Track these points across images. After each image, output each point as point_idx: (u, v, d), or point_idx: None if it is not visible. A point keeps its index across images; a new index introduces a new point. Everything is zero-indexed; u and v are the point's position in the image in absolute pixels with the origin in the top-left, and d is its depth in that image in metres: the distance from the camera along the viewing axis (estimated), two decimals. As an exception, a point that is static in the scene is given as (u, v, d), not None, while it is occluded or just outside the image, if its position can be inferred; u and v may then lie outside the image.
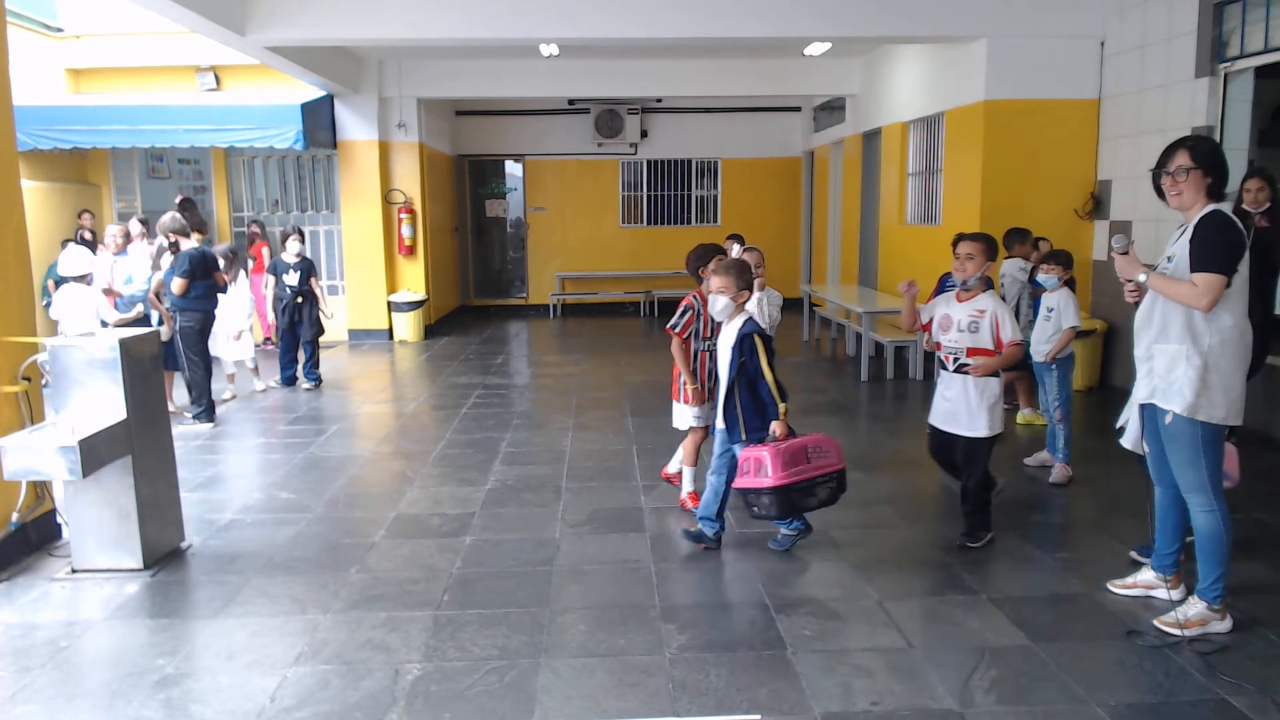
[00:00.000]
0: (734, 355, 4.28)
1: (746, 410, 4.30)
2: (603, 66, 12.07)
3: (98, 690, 3.29)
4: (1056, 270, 5.64)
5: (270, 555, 4.56)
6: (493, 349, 11.70)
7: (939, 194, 9.70)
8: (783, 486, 4.11)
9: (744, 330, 4.28)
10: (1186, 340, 3.42)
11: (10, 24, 7.11)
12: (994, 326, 4.32)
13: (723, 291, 4.27)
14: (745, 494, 4.25)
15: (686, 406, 5.02)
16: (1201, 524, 3.54)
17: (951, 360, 4.42)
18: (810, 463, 4.23)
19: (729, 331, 4.35)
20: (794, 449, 4.18)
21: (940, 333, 4.49)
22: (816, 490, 4.25)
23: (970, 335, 4.35)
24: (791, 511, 4.28)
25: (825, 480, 4.27)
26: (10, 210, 4.61)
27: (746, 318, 4.34)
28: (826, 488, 4.29)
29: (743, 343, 4.27)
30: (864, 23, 8.45)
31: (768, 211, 15.40)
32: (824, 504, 4.33)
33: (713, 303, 4.33)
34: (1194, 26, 7.01)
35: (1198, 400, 3.41)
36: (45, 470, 3.99)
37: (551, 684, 3.27)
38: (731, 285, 4.28)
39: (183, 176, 12.22)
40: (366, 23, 8.30)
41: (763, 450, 4.15)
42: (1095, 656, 3.43)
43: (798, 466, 4.16)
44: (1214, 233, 3.37)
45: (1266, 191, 5.75)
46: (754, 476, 4.16)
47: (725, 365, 4.35)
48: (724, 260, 4.46)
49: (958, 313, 4.42)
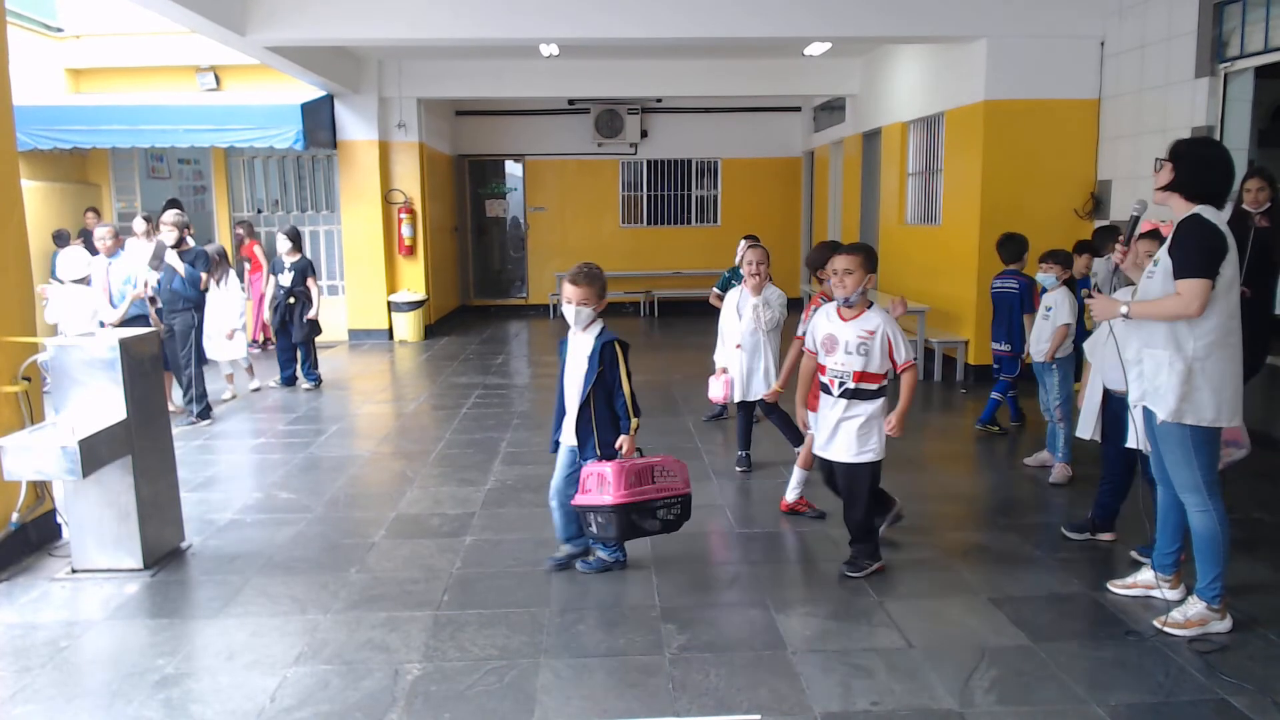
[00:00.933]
0: (591, 366, 4.00)
1: (601, 424, 4.06)
2: (603, 66, 12.06)
3: (98, 690, 3.29)
4: (1055, 269, 5.64)
5: (270, 555, 4.56)
6: (493, 349, 11.70)
7: (939, 194, 9.70)
8: (623, 505, 3.89)
9: (604, 338, 4.03)
10: (1170, 346, 3.44)
11: (10, 24, 7.10)
12: (885, 347, 4.01)
13: (585, 303, 3.99)
14: (583, 512, 4.02)
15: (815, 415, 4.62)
16: (1197, 524, 3.55)
17: (837, 385, 4.04)
18: (655, 484, 4.02)
19: (584, 341, 4.06)
20: (639, 467, 3.99)
21: (824, 354, 4.10)
22: (658, 513, 4.02)
23: (860, 358, 3.99)
24: (630, 533, 4.00)
25: (668, 504, 4.04)
26: (10, 210, 4.61)
27: (603, 326, 4.09)
28: (670, 512, 4.06)
29: (602, 352, 4.00)
30: (864, 23, 8.44)
31: (768, 211, 15.39)
32: (664, 530, 4.09)
33: (572, 313, 4.01)
34: (1194, 26, 7.01)
35: (1181, 405, 3.42)
36: (45, 470, 3.99)
37: (551, 684, 3.27)
38: (592, 295, 4.01)
39: (183, 176, 12.23)
40: (366, 23, 8.30)
41: (606, 466, 3.95)
42: (1095, 656, 3.43)
43: (641, 486, 3.96)
44: (1193, 238, 3.39)
45: (1267, 191, 5.75)
46: (595, 493, 3.96)
47: (579, 378, 4.04)
48: (580, 268, 4.05)
49: (844, 333, 4.03)
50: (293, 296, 8.82)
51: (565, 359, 4.14)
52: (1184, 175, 3.44)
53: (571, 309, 4.01)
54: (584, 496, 4.00)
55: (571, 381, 4.09)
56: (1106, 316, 3.60)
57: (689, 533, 4.77)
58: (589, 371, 4.00)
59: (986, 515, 4.77)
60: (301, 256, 8.96)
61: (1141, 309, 3.46)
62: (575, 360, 4.08)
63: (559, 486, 4.23)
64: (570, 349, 4.13)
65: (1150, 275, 3.52)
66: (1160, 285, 3.47)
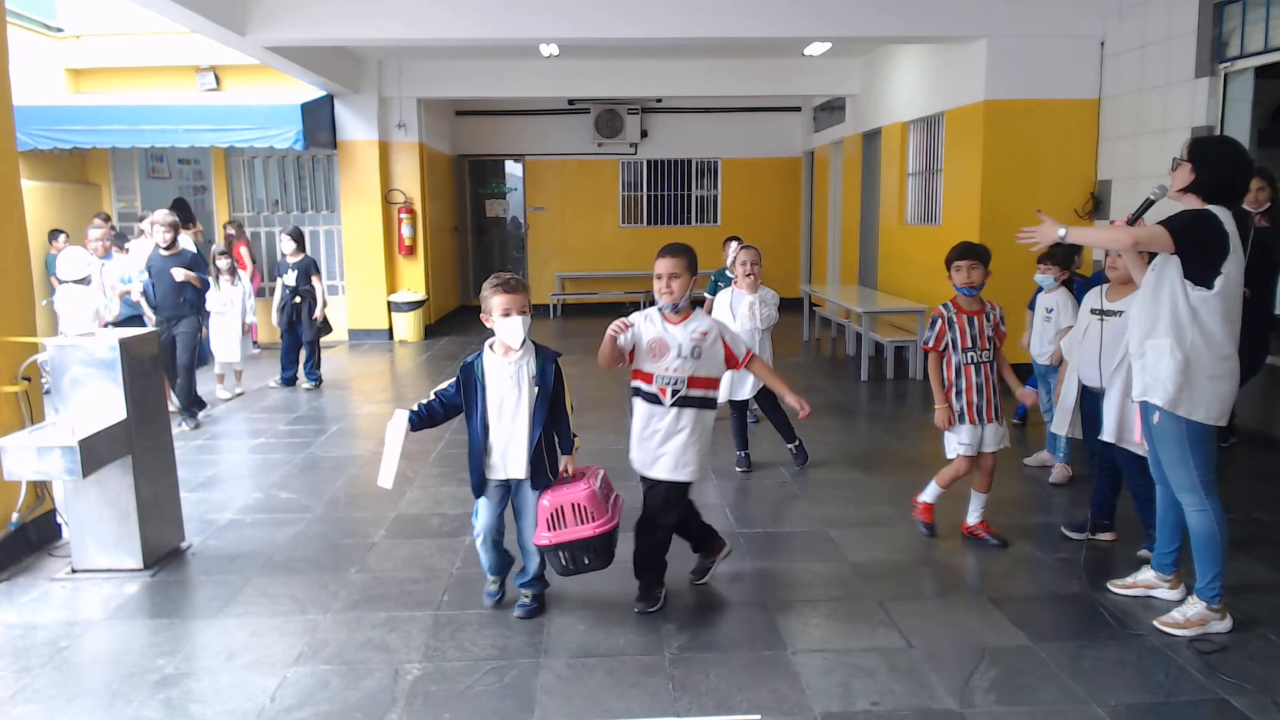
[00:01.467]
0: (543, 389, 3.60)
1: (552, 451, 3.69)
2: (603, 66, 12.06)
3: (98, 690, 3.29)
4: (1054, 270, 5.61)
5: (270, 555, 4.56)
6: (493, 349, 11.68)
7: (939, 194, 9.70)
8: (614, 529, 3.64)
9: (549, 356, 3.65)
10: (1171, 334, 3.43)
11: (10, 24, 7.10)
12: (721, 347, 3.79)
13: (525, 310, 3.57)
14: (565, 550, 3.57)
15: (952, 433, 4.48)
16: (1195, 523, 3.54)
17: (670, 393, 3.69)
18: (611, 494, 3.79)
19: (517, 362, 3.61)
20: (602, 484, 3.72)
21: (652, 361, 3.72)
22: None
23: (693, 361, 3.70)
24: (613, 555, 3.70)
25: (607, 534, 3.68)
26: (10, 210, 4.61)
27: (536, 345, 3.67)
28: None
29: (555, 369, 3.65)
30: (864, 23, 8.44)
31: (768, 211, 15.39)
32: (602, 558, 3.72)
33: (506, 327, 3.55)
34: (1194, 26, 7.01)
35: (1179, 394, 3.41)
36: (45, 470, 3.99)
37: (551, 684, 3.27)
38: (526, 304, 3.58)
39: (183, 176, 12.22)
40: (366, 23, 8.30)
41: (577, 493, 3.57)
42: (1095, 656, 3.43)
43: (608, 501, 3.70)
44: (1185, 216, 3.39)
45: (1267, 191, 5.75)
46: (574, 526, 3.55)
47: (522, 405, 3.59)
48: (508, 275, 3.65)
49: (677, 336, 3.73)
50: (298, 296, 8.83)
51: (483, 386, 3.59)
52: (1204, 175, 3.42)
53: (516, 322, 3.53)
54: (559, 533, 3.56)
55: (509, 410, 3.59)
56: (1048, 240, 3.62)
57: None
58: (542, 395, 3.59)
59: (986, 515, 4.76)
60: (305, 256, 8.97)
61: (1079, 234, 3.57)
62: (506, 386, 3.58)
63: (491, 525, 3.74)
64: (493, 373, 3.60)
65: (1154, 269, 3.52)
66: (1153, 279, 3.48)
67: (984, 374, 4.41)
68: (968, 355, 4.41)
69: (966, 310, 4.47)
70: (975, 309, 4.47)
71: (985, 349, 4.42)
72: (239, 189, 12.27)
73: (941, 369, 4.48)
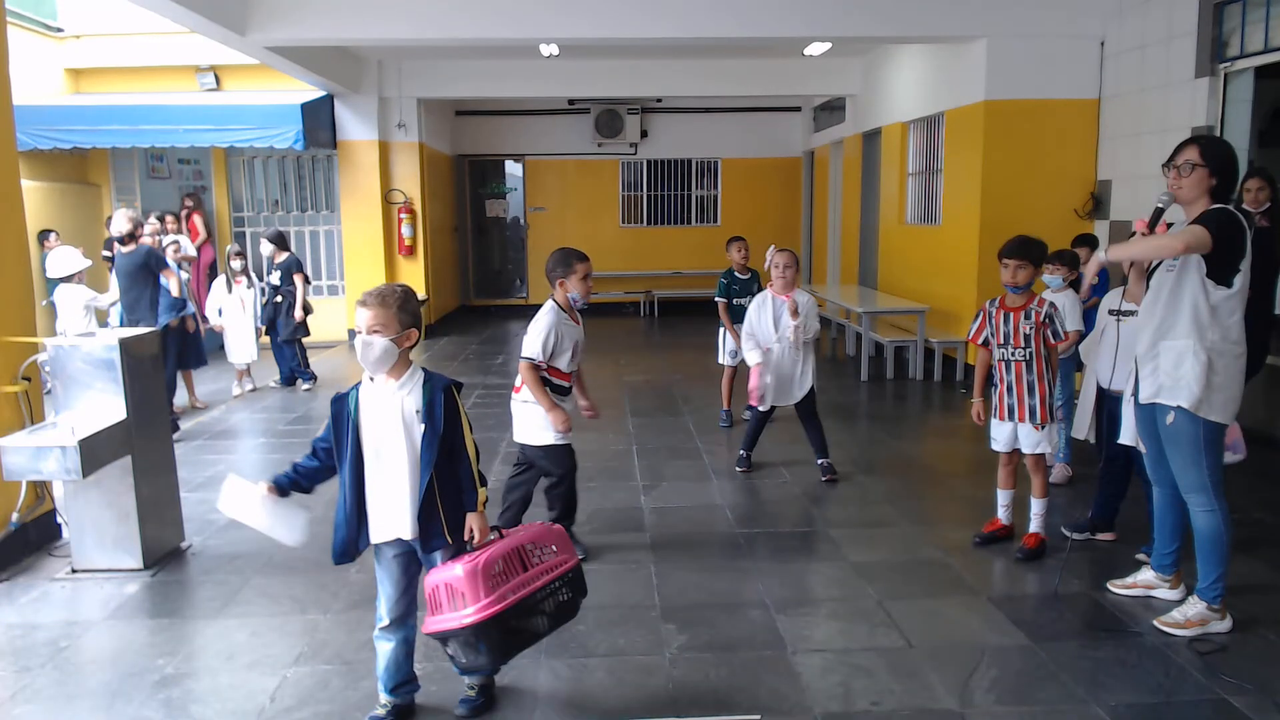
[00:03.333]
0: (431, 425, 2.87)
1: (449, 502, 2.92)
2: (603, 66, 12.07)
3: (98, 690, 3.29)
4: (1061, 270, 5.58)
5: (270, 555, 4.56)
6: (493, 349, 11.70)
7: (939, 194, 9.70)
8: (493, 617, 2.75)
9: (438, 384, 2.91)
10: (1193, 335, 3.40)
11: (10, 24, 7.11)
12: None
13: (379, 330, 2.83)
14: (446, 641, 2.87)
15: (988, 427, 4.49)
16: (1202, 524, 3.54)
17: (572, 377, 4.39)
18: (530, 569, 2.91)
19: (400, 393, 2.91)
20: (502, 553, 2.87)
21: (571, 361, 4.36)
22: (543, 605, 2.91)
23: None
24: (512, 649, 2.94)
25: (553, 589, 2.94)
26: (10, 210, 4.61)
27: (424, 370, 2.98)
28: (557, 599, 2.96)
29: (446, 401, 2.90)
30: (864, 23, 8.44)
31: (768, 211, 15.39)
32: (558, 622, 3.01)
33: (364, 349, 2.84)
34: (1194, 27, 7.01)
35: (1204, 395, 3.39)
36: (45, 470, 3.99)
37: (551, 684, 3.27)
38: (392, 320, 2.85)
39: (183, 176, 12.21)
40: (367, 23, 8.30)
41: (455, 567, 2.80)
42: (1095, 656, 3.43)
43: (512, 581, 2.84)
44: (1215, 214, 3.36)
45: (1267, 191, 5.75)
46: (447, 610, 2.80)
47: (408, 445, 2.89)
48: (376, 288, 2.95)
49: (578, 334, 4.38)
50: (280, 295, 8.76)
51: (355, 424, 2.93)
52: (1223, 178, 3.41)
53: (368, 344, 2.83)
54: (436, 618, 2.84)
55: (390, 453, 2.90)
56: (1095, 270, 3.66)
57: (689, 532, 4.80)
58: (429, 434, 2.86)
59: (986, 515, 4.76)
60: (289, 255, 8.86)
61: (1121, 250, 3.52)
62: (387, 422, 2.89)
63: (395, 601, 3.03)
64: (368, 407, 2.93)
65: (1170, 269, 3.47)
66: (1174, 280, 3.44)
67: (1016, 372, 4.33)
68: (1001, 352, 4.38)
69: (1008, 306, 4.41)
70: (1017, 306, 4.39)
71: (1020, 347, 4.32)
72: (239, 189, 12.27)
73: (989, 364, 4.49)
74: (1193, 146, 3.47)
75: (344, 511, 2.99)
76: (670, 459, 6.23)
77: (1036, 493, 4.44)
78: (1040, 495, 4.43)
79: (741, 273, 7.08)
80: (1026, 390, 4.33)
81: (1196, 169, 3.42)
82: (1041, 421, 4.33)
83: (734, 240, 7.21)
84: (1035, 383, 4.33)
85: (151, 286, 7.09)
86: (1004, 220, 8.38)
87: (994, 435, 4.48)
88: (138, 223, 7.15)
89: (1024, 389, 4.33)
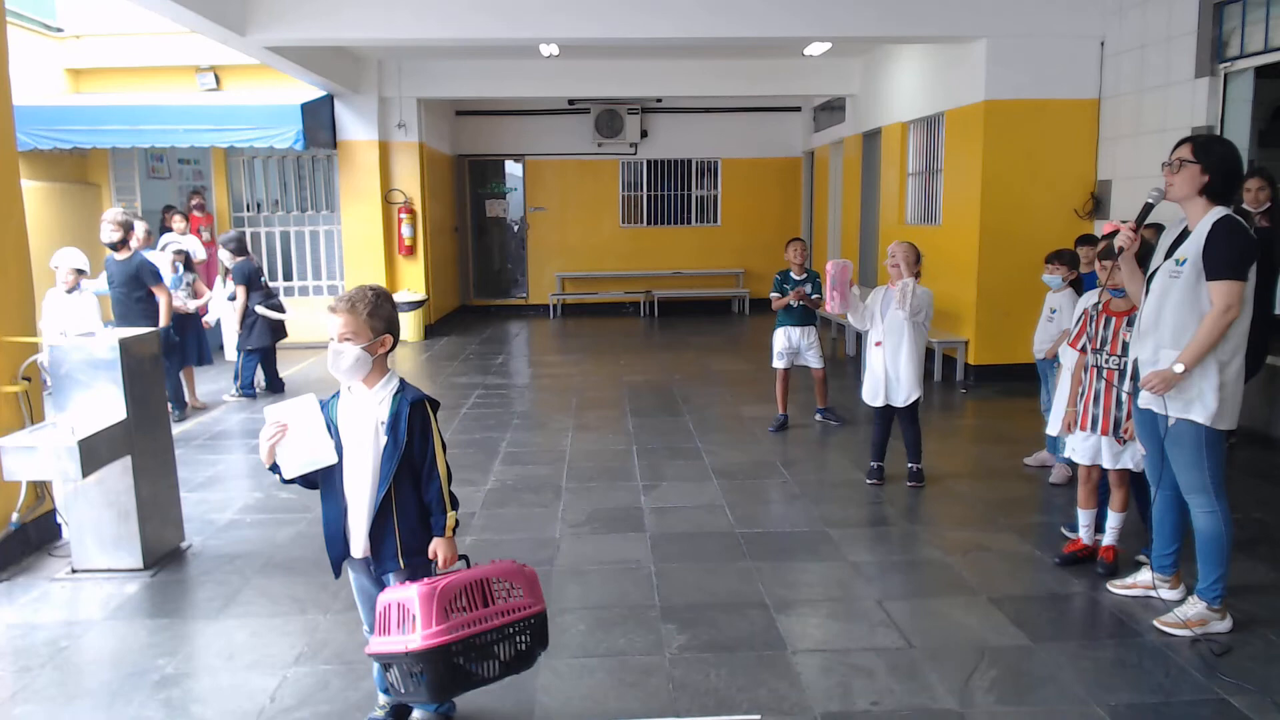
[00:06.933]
0: (394, 439, 2.77)
1: (406, 522, 2.82)
2: (603, 66, 12.07)
3: (98, 690, 3.29)
4: (1061, 270, 5.59)
5: (270, 555, 4.56)
6: (493, 349, 11.70)
7: (939, 194, 9.70)
8: (440, 647, 2.56)
9: (409, 397, 2.80)
10: None
11: (10, 24, 7.11)
12: None
13: (349, 337, 2.74)
14: (381, 661, 2.72)
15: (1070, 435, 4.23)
16: (1203, 525, 3.53)
17: None
18: (492, 605, 2.70)
19: (371, 404, 2.81)
20: (463, 584, 2.67)
21: None
22: (498, 649, 2.69)
23: None
24: (457, 686, 2.71)
25: (511, 633, 2.71)
26: (10, 210, 4.61)
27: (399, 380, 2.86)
28: (515, 644, 2.73)
29: (411, 417, 2.78)
30: (864, 23, 8.44)
31: (768, 211, 15.40)
32: (510, 671, 2.75)
33: (335, 358, 2.75)
34: (1194, 26, 7.01)
35: (1221, 409, 3.37)
36: (45, 470, 3.99)
37: (551, 684, 3.28)
38: (363, 328, 2.75)
39: (183, 176, 12.22)
40: (366, 22, 8.30)
41: (412, 588, 2.62)
42: (1095, 656, 3.43)
43: (470, 614, 2.64)
44: (1225, 238, 3.32)
45: (1267, 191, 5.76)
46: (395, 631, 2.64)
47: (370, 458, 2.79)
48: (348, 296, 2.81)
49: None
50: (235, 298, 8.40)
51: (335, 431, 2.83)
52: (1215, 176, 3.38)
53: (338, 350, 2.74)
54: (381, 639, 2.68)
55: (356, 465, 2.81)
56: (1171, 384, 3.38)
57: (689, 532, 4.80)
58: (390, 448, 2.77)
59: (986, 515, 4.77)
60: (241, 260, 8.35)
61: (1195, 351, 3.32)
62: (358, 433, 2.81)
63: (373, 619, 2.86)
64: (345, 416, 2.84)
65: (1175, 275, 3.43)
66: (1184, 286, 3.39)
67: (1107, 380, 4.03)
68: (1095, 358, 4.10)
69: (1110, 311, 4.09)
70: (1121, 311, 4.05)
71: (1117, 355, 3.99)
72: (239, 189, 12.27)
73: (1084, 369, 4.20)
74: (1186, 144, 3.47)
75: (327, 522, 2.89)
76: (670, 459, 6.23)
77: (1115, 506, 4.19)
78: (1119, 509, 4.18)
79: (797, 274, 7.09)
80: (1114, 402, 4.02)
81: (1186, 166, 3.40)
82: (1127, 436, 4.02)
83: (793, 241, 7.18)
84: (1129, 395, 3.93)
85: (145, 298, 7.02)
86: (1004, 220, 8.40)
87: (1074, 447, 4.22)
88: (128, 226, 7.00)
89: (1112, 400, 4.02)
